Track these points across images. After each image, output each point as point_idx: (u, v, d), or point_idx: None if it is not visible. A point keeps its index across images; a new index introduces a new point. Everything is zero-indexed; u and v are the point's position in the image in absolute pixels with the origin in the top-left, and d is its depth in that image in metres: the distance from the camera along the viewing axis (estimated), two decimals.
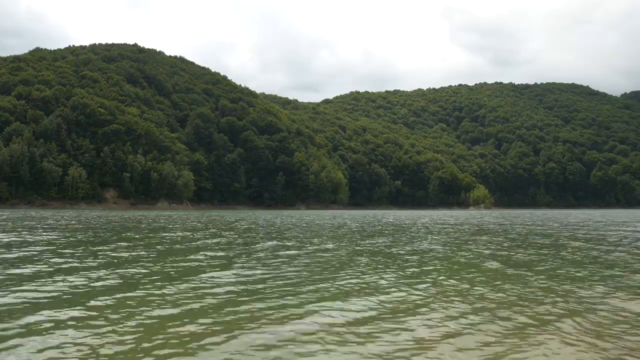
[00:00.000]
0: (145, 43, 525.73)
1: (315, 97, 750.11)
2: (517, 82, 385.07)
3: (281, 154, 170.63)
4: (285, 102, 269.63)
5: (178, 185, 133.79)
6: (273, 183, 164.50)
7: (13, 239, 17.74)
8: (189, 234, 22.25)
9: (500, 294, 7.43)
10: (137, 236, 20.38)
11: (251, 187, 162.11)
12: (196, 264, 11.02)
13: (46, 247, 14.63)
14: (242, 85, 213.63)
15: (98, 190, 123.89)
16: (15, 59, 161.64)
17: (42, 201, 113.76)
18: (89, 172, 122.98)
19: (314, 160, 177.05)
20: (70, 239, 18.52)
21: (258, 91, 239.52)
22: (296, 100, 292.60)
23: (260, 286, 8.05)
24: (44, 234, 21.03)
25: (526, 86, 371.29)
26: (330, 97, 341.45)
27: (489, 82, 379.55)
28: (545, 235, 22.29)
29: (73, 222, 33.83)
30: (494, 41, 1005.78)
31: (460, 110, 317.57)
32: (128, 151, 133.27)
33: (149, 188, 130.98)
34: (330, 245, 16.01)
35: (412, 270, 10.09)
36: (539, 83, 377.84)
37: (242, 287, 8.01)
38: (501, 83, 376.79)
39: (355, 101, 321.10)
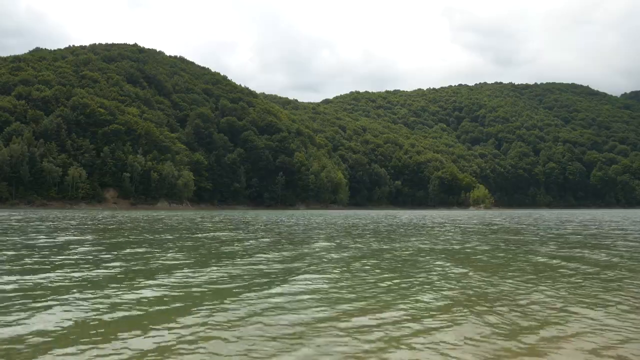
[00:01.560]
0: (145, 43, 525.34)
1: (315, 97, 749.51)
2: (517, 82, 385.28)
3: (281, 154, 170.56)
4: (285, 102, 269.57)
5: (178, 185, 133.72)
6: (273, 183, 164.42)
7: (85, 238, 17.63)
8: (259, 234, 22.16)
9: None
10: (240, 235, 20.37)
11: (251, 187, 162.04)
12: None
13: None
14: (242, 85, 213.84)
15: (98, 190, 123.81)
16: (15, 59, 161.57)
17: (42, 201, 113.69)
18: (89, 172, 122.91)
19: (314, 160, 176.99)
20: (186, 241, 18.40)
21: (258, 91, 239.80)
22: (296, 100, 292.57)
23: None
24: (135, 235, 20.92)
25: (526, 86, 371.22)
26: (331, 97, 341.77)
27: (489, 82, 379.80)
28: None
29: (111, 223, 33.65)
30: (494, 41, 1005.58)
31: (460, 110, 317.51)
32: (128, 151, 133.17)
33: (149, 188, 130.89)
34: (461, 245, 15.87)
35: None
36: (539, 83, 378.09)
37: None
38: (501, 83, 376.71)
39: (355, 101, 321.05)
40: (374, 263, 11.42)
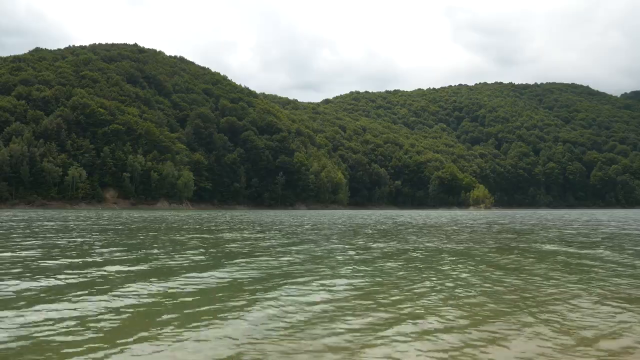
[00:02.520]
0: (145, 42, 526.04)
1: (317, 97, 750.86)
2: (521, 81, 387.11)
3: (281, 154, 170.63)
4: (285, 102, 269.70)
5: (178, 185, 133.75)
6: (273, 183, 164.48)
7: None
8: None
9: None
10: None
11: (251, 187, 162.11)
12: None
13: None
14: (243, 85, 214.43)
15: (98, 190, 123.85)
16: (15, 59, 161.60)
17: (42, 201, 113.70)
18: (89, 172, 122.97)
19: (314, 160, 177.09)
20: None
21: (259, 90, 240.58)
22: (296, 100, 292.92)
23: None
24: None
25: (526, 86, 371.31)
26: (332, 96, 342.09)
27: (489, 82, 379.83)
28: None
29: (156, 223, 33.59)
30: (496, 40, 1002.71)
31: (460, 110, 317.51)
32: (128, 151, 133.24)
33: (149, 188, 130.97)
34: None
35: None
36: (539, 83, 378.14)
37: None
38: (501, 83, 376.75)
39: (355, 101, 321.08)
40: (458, 266, 10.95)
